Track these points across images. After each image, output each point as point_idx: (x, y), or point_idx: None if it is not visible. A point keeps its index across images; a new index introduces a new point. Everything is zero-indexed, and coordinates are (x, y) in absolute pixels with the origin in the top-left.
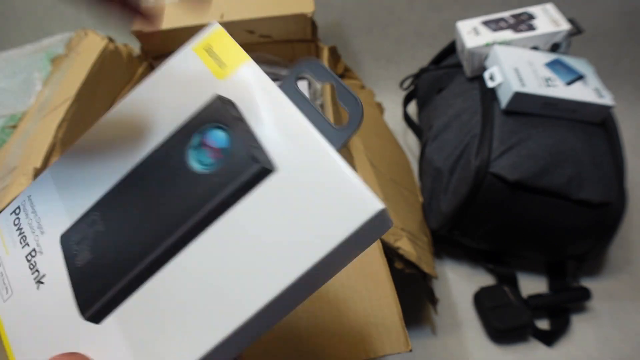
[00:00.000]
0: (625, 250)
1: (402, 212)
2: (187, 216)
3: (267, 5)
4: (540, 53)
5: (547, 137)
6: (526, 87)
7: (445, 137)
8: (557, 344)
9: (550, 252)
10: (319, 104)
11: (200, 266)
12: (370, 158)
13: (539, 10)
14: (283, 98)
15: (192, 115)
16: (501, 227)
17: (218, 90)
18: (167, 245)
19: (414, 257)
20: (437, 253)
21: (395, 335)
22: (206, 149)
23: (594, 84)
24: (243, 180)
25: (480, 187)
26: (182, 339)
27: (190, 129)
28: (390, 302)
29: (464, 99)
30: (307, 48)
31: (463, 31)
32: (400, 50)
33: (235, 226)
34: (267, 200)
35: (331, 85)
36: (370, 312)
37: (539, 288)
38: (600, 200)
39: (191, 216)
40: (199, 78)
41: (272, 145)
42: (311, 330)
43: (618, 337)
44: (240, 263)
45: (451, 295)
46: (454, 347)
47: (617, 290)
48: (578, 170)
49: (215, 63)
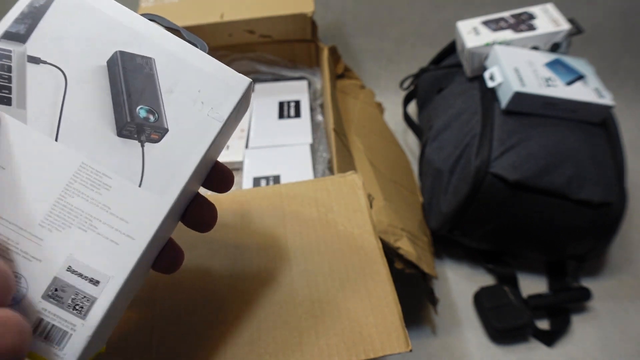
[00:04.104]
0: (625, 250)
1: (402, 212)
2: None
3: (267, 5)
4: (540, 53)
5: (547, 137)
6: (526, 87)
7: (445, 137)
8: (557, 344)
9: (551, 252)
10: (319, 104)
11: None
12: (370, 158)
13: (539, 10)
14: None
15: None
16: (501, 227)
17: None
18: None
19: (414, 257)
20: (437, 253)
21: (395, 335)
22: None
23: (594, 84)
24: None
25: (480, 187)
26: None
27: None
28: (390, 302)
29: (464, 99)
30: (307, 48)
31: (463, 31)
32: (400, 50)
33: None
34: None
35: (331, 86)
36: (370, 312)
37: (539, 288)
38: (601, 200)
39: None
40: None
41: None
42: (311, 330)
43: (618, 337)
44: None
45: (451, 295)
46: (454, 347)
47: (617, 290)
48: (578, 170)
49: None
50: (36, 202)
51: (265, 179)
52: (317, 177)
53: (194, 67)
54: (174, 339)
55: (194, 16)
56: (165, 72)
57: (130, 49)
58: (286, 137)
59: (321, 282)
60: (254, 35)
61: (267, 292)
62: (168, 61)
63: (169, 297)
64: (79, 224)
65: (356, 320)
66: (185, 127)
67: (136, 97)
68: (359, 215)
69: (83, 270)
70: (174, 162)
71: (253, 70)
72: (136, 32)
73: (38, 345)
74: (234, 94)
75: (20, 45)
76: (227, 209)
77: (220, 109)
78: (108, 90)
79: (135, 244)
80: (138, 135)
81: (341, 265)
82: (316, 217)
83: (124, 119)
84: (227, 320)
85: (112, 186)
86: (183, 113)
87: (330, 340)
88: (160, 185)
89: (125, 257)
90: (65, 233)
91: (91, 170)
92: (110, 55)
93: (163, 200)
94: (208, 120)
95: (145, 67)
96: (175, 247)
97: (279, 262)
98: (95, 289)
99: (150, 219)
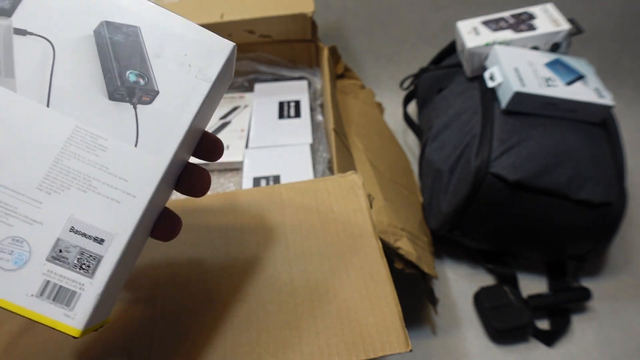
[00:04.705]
0: (625, 250)
1: (402, 212)
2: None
3: (267, 5)
4: (540, 53)
5: (547, 137)
6: (526, 87)
7: (445, 137)
8: (557, 344)
9: (551, 252)
10: (319, 104)
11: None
12: (370, 158)
13: (539, 10)
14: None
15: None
16: (501, 227)
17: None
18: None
19: (414, 257)
20: (437, 253)
21: (395, 335)
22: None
23: (594, 84)
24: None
25: (480, 187)
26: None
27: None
28: (390, 302)
29: (464, 99)
30: (307, 48)
31: (463, 31)
32: (401, 50)
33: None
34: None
35: (331, 86)
36: (370, 312)
37: (539, 288)
38: (601, 200)
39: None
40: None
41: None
42: (311, 330)
43: (618, 337)
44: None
45: (451, 295)
46: (454, 347)
47: (617, 290)
48: (578, 170)
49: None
50: (32, 167)
51: (265, 179)
52: (317, 177)
53: (178, 34)
54: (174, 338)
55: (194, 16)
56: (150, 39)
57: (115, 20)
58: (286, 137)
59: (321, 282)
60: (254, 35)
61: (267, 291)
62: (152, 29)
63: (170, 296)
64: (78, 185)
65: (356, 320)
66: (175, 89)
67: (125, 63)
68: (359, 215)
69: (86, 229)
70: (167, 122)
71: (253, 70)
72: (120, 5)
73: (46, 307)
74: (220, 56)
75: (5, 19)
76: (226, 209)
77: (207, 71)
78: (96, 57)
79: (137, 201)
80: (130, 98)
81: (341, 265)
82: (316, 217)
83: (115, 83)
84: (227, 320)
85: (108, 147)
86: (172, 76)
87: (330, 340)
88: (155, 145)
89: (128, 214)
90: (65, 195)
91: (86, 133)
92: (96, 25)
93: (159, 158)
94: (197, 81)
95: (131, 35)
96: (172, 215)
97: (279, 261)
98: (101, 247)
99: (149, 177)
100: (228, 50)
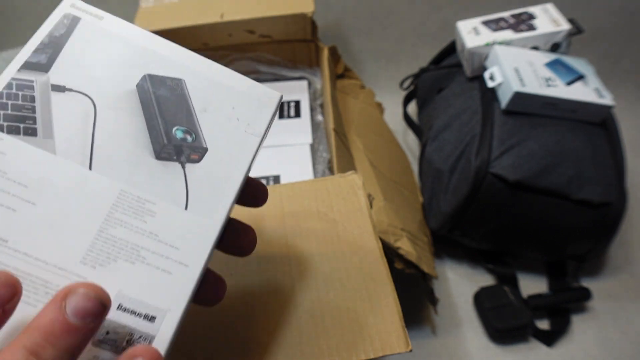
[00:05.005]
0: (625, 250)
1: (402, 212)
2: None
3: (267, 5)
4: (540, 53)
5: (547, 137)
6: (526, 87)
7: (445, 137)
8: (557, 344)
9: (551, 252)
10: (319, 104)
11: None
12: (370, 158)
13: (539, 10)
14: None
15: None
16: (501, 227)
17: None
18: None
19: (414, 257)
20: (437, 253)
21: (395, 336)
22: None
23: (594, 84)
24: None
25: (480, 187)
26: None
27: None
28: (390, 302)
29: (464, 99)
30: (307, 48)
31: (463, 31)
32: (400, 50)
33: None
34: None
35: (331, 86)
36: (370, 312)
37: (539, 288)
38: (601, 200)
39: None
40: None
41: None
42: (311, 330)
43: (618, 337)
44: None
45: (451, 295)
46: (454, 347)
47: (617, 290)
48: (578, 170)
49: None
50: (74, 238)
51: (265, 179)
52: (317, 177)
53: (224, 85)
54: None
55: (194, 16)
56: (196, 92)
57: (157, 72)
58: (286, 137)
59: (321, 282)
60: (254, 35)
61: (267, 292)
62: (198, 81)
63: None
64: (126, 257)
65: (356, 320)
66: (225, 145)
67: (171, 119)
68: (359, 215)
69: (136, 306)
70: (218, 182)
71: (253, 70)
72: (161, 55)
73: None
74: (268, 108)
75: (42, 74)
76: None
77: (256, 125)
78: (140, 114)
79: (189, 270)
80: (177, 156)
81: (341, 265)
82: (316, 217)
83: (161, 141)
84: (226, 321)
85: (156, 212)
86: (220, 131)
87: (330, 340)
88: (207, 207)
89: (180, 287)
90: (111, 268)
91: (132, 197)
92: (138, 79)
93: (212, 221)
94: (246, 136)
95: (176, 89)
96: (216, 276)
97: (278, 262)
98: (152, 326)
99: (202, 243)
100: (276, 102)
